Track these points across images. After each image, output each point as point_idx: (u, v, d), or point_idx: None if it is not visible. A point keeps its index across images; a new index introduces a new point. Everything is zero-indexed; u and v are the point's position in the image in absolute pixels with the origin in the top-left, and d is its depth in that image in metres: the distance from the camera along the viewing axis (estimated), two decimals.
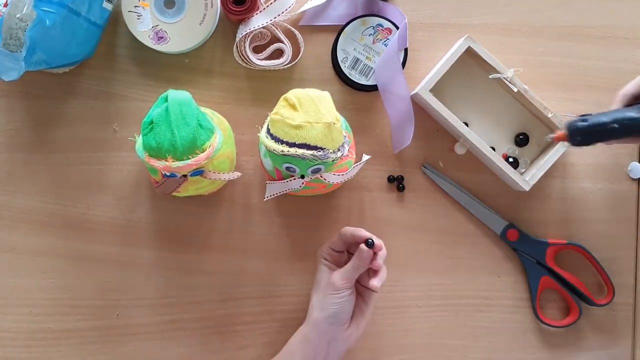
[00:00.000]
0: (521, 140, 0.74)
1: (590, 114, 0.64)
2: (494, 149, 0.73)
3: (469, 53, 0.71)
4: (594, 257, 0.74)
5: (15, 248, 0.72)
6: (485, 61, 0.71)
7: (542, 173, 0.72)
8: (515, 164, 0.74)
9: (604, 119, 0.62)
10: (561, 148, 0.72)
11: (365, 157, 0.70)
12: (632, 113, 0.62)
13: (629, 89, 0.65)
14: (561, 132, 0.65)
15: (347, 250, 0.69)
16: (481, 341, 0.75)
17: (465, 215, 0.75)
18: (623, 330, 0.76)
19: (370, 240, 0.63)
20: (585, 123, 0.63)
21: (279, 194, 0.68)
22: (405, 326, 0.75)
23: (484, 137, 0.73)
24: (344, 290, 0.64)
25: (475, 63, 0.73)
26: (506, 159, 0.74)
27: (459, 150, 0.74)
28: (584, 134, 0.63)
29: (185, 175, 0.63)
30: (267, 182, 0.68)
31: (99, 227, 0.73)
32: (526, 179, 0.71)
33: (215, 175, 0.64)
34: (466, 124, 0.73)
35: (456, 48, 0.70)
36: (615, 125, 0.62)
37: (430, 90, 0.70)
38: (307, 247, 0.74)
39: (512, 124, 0.75)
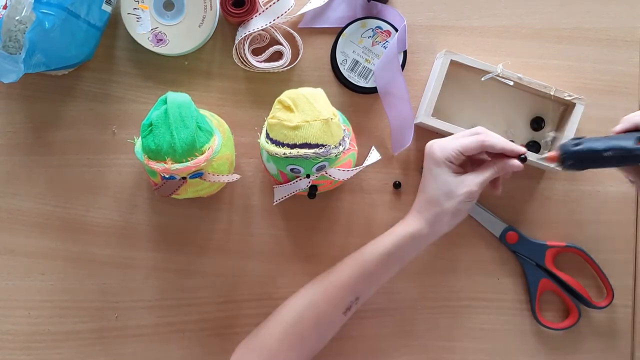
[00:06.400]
0: (537, 124, 0.74)
1: (584, 137, 0.62)
2: (513, 142, 0.73)
3: (454, 63, 0.71)
4: (593, 260, 0.74)
5: (14, 250, 0.72)
6: (472, 66, 0.71)
7: None
8: (537, 147, 0.74)
9: (598, 145, 0.60)
10: (576, 117, 0.71)
11: (376, 156, 0.70)
12: (627, 143, 0.59)
13: (634, 117, 0.61)
14: (554, 153, 0.63)
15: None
16: (480, 343, 0.75)
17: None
18: (622, 332, 0.76)
19: (524, 156, 0.64)
20: (578, 147, 0.61)
21: (287, 196, 0.68)
22: (403, 328, 0.75)
23: (500, 134, 0.73)
24: (476, 198, 0.65)
25: (464, 70, 0.72)
26: (525, 147, 0.73)
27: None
28: (576, 158, 0.61)
29: (184, 178, 0.63)
30: (274, 186, 0.68)
31: (98, 229, 0.73)
32: None
33: (214, 178, 0.64)
34: None
35: (440, 66, 0.70)
36: (610, 154, 0.60)
37: (432, 113, 0.70)
38: (306, 249, 0.74)
39: (522, 112, 0.75)
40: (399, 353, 0.75)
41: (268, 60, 0.73)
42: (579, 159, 0.62)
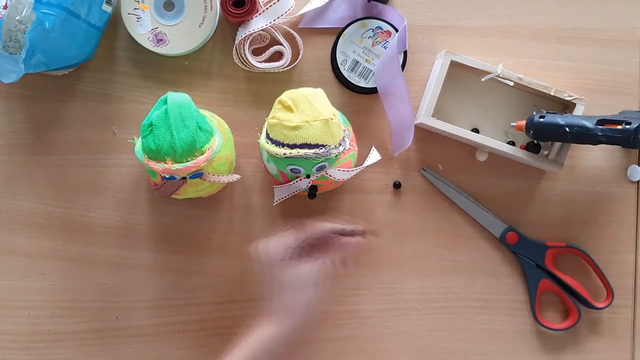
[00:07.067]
0: None
1: (556, 113, 0.67)
2: (513, 143, 0.73)
3: (454, 64, 0.71)
4: (593, 260, 0.74)
5: (14, 250, 0.72)
6: (473, 67, 0.71)
7: (568, 148, 0.71)
8: (537, 148, 0.74)
9: (560, 120, 0.65)
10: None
11: (376, 156, 0.70)
12: (586, 122, 0.63)
13: None
14: (522, 122, 0.68)
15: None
16: (480, 344, 0.75)
17: (464, 218, 0.75)
18: (622, 333, 0.76)
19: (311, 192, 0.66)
20: (540, 120, 0.66)
21: (287, 196, 0.68)
22: (404, 328, 0.75)
23: (499, 135, 0.73)
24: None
25: (464, 71, 0.72)
26: (525, 147, 0.73)
27: (481, 157, 0.74)
28: (537, 129, 0.66)
29: (184, 178, 0.63)
30: (274, 186, 0.68)
31: (98, 229, 0.73)
32: (554, 159, 0.71)
33: (214, 178, 0.64)
34: (477, 130, 0.73)
35: (440, 67, 0.70)
36: (567, 129, 0.64)
37: (432, 113, 0.70)
38: None
39: (522, 112, 0.74)
40: (400, 353, 0.74)
41: (268, 60, 0.73)
42: (540, 129, 0.66)
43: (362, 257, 0.74)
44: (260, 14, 0.70)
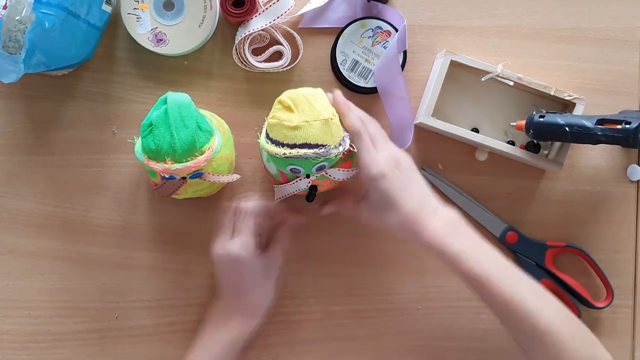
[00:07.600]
0: None
1: (556, 112, 0.67)
2: (513, 142, 0.73)
3: (454, 64, 0.71)
4: (593, 260, 0.74)
5: (14, 250, 0.72)
6: (472, 66, 0.71)
7: (568, 148, 0.71)
8: (537, 148, 0.74)
9: (560, 119, 0.65)
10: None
11: None
12: (585, 121, 0.64)
13: None
14: (522, 122, 0.69)
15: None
16: (480, 343, 0.75)
17: (464, 217, 0.75)
18: (622, 332, 0.76)
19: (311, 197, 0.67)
20: (540, 119, 0.66)
21: (287, 196, 0.68)
22: (404, 328, 0.75)
23: (499, 135, 0.73)
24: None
25: (464, 70, 0.72)
26: (525, 147, 0.73)
27: (481, 157, 0.74)
28: (536, 129, 0.67)
29: (184, 178, 0.63)
30: (275, 185, 0.68)
31: (98, 229, 0.73)
32: (554, 159, 0.71)
33: (214, 178, 0.64)
34: (476, 130, 0.73)
35: (440, 66, 0.70)
36: (566, 129, 0.65)
37: (432, 113, 0.70)
38: (306, 249, 0.74)
39: (522, 111, 0.74)
40: (400, 353, 0.74)
41: (268, 60, 0.73)
42: (540, 129, 0.67)
43: (362, 256, 0.74)
44: (260, 13, 0.70)
